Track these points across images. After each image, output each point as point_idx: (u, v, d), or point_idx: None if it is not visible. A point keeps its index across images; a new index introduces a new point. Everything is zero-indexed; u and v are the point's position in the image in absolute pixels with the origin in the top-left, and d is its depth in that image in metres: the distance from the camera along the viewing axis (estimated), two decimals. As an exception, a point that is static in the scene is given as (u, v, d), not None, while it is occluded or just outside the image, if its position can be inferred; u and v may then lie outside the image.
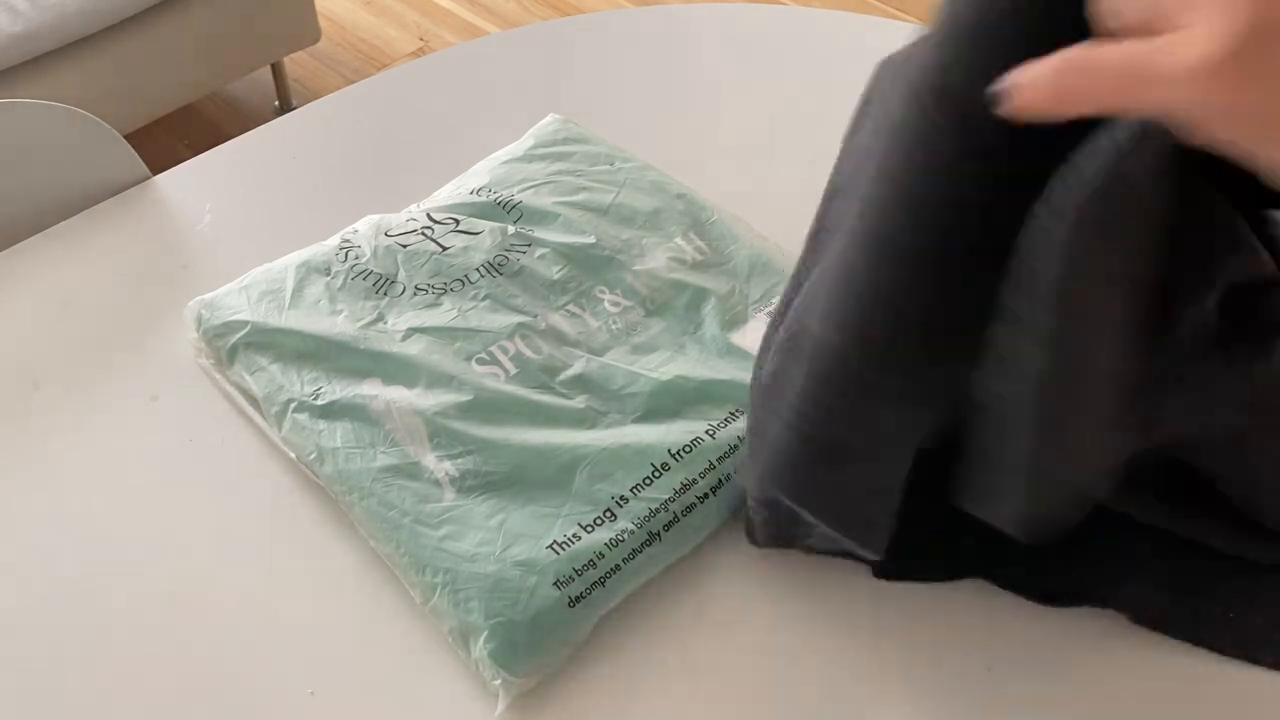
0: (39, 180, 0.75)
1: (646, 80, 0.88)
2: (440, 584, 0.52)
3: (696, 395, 0.59)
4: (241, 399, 0.62)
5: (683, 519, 0.55)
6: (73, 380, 0.65)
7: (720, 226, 0.68)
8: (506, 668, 0.50)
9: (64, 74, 1.53)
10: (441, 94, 0.86)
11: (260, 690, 0.52)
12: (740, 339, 0.62)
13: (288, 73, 1.90)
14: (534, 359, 0.61)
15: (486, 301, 0.63)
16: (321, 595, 0.55)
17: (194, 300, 0.64)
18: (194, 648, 0.53)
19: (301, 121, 0.85)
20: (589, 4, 2.22)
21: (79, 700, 0.52)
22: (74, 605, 0.55)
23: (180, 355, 0.65)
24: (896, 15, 2.12)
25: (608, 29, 0.97)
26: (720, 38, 0.93)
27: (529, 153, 0.73)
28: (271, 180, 0.79)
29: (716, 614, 0.54)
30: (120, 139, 0.77)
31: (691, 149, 0.79)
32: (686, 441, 0.57)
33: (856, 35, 0.93)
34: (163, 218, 0.76)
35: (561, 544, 0.53)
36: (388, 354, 0.60)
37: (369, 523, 0.55)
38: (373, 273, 0.65)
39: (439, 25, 2.12)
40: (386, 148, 0.82)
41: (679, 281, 0.65)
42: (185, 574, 0.56)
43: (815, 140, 0.83)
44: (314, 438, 0.57)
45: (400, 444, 0.57)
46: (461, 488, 0.55)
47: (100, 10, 1.51)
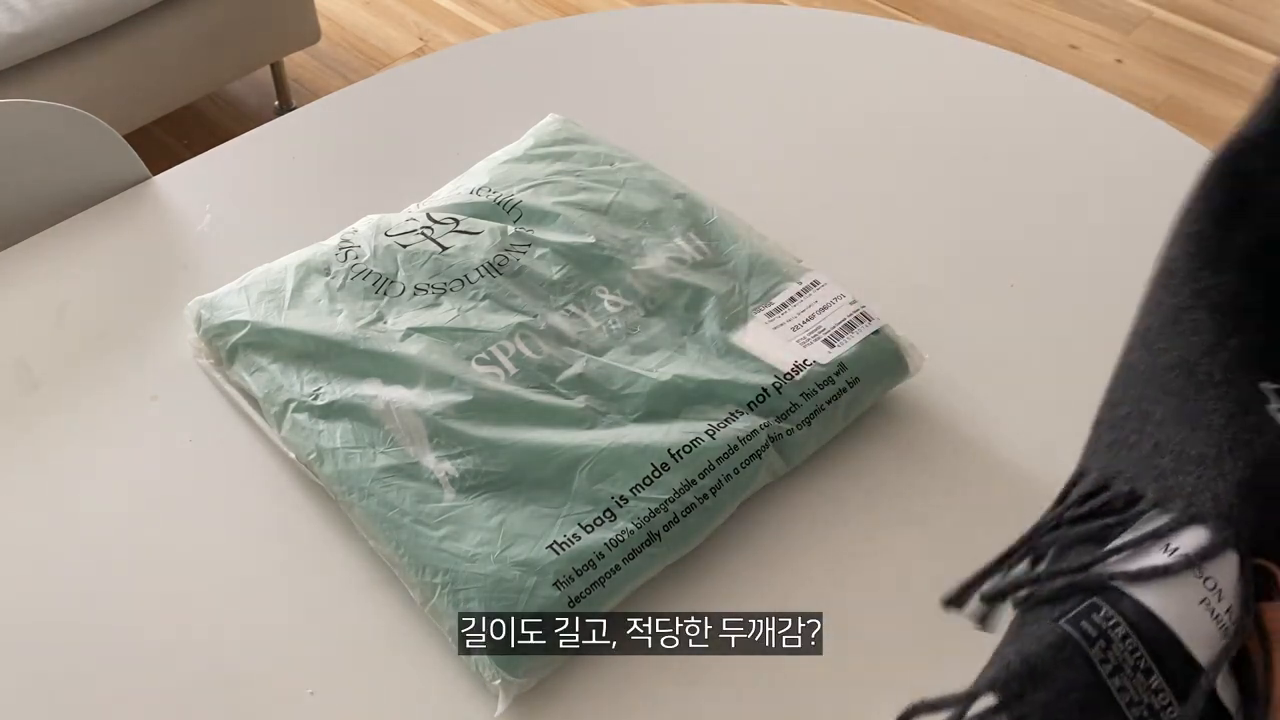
0: (39, 180, 0.75)
1: (646, 80, 0.88)
2: (440, 584, 0.52)
3: (696, 395, 0.59)
4: (241, 399, 0.62)
5: (683, 519, 0.55)
6: (73, 380, 0.65)
7: (720, 226, 0.68)
8: (506, 668, 0.50)
9: (64, 74, 1.53)
10: (441, 94, 0.86)
11: (260, 690, 0.52)
12: (740, 339, 0.62)
13: (288, 73, 1.90)
14: (534, 359, 0.61)
15: (486, 301, 0.63)
16: (321, 595, 0.55)
17: (194, 300, 0.64)
18: (194, 648, 0.53)
19: (301, 121, 0.85)
20: (589, 4, 2.22)
21: (79, 700, 0.52)
22: (74, 605, 0.55)
23: (180, 355, 0.65)
24: (896, 15, 2.12)
25: (608, 29, 0.97)
26: (720, 38, 0.93)
27: (529, 153, 0.73)
28: (271, 180, 0.79)
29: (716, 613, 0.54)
30: (120, 139, 0.77)
31: (691, 149, 0.79)
32: (686, 441, 0.57)
33: (856, 35, 0.93)
34: (163, 218, 0.76)
35: (561, 544, 0.53)
36: (387, 354, 0.60)
37: (369, 523, 0.55)
38: (372, 273, 0.65)
39: (439, 25, 2.12)
40: (386, 148, 0.82)
41: (679, 281, 0.65)
42: (185, 574, 0.56)
43: (815, 140, 0.83)
44: (314, 438, 0.57)
45: (400, 444, 0.57)
46: (461, 488, 0.55)
47: (100, 10, 1.51)
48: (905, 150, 0.82)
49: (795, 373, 0.60)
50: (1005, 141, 0.82)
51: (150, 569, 0.56)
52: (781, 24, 0.95)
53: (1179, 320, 0.39)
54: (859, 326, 0.62)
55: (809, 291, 0.64)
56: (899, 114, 0.85)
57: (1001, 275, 0.72)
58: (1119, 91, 0.82)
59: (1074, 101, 0.86)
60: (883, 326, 0.63)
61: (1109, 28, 2.09)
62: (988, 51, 0.92)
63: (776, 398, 0.59)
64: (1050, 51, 2.03)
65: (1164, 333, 0.39)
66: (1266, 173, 0.40)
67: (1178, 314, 0.39)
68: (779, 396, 0.59)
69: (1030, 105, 0.86)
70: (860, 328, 0.62)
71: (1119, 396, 0.40)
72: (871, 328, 0.62)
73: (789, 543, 0.58)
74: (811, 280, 0.65)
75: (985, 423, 0.63)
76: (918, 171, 0.80)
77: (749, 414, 0.58)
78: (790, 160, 0.81)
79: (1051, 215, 0.76)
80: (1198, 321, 0.38)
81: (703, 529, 0.56)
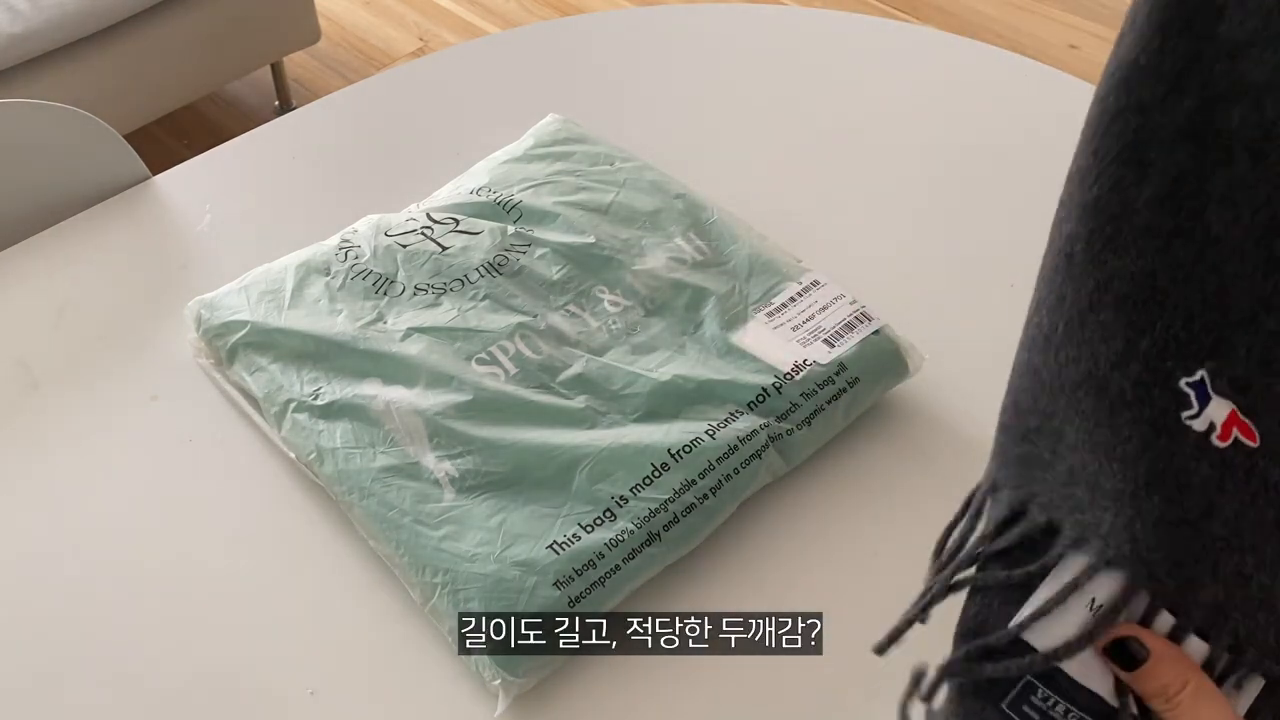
0: (39, 180, 0.75)
1: (646, 80, 0.88)
2: (440, 584, 0.52)
3: (696, 395, 0.59)
4: (241, 399, 0.62)
5: (683, 519, 0.55)
6: (73, 380, 0.65)
7: (720, 226, 0.68)
8: (506, 668, 0.50)
9: (64, 74, 1.53)
10: (441, 94, 0.86)
11: (260, 690, 0.52)
12: (740, 339, 0.62)
13: (288, 73, 1.90)
14: (534, 359, 0.61)
15: (486, 301, 0.63)
16: (321, 595, 0.55)
17: (194, 300, 0.64)
18: (194, 648, 0.53)
19: (301, 121, 0.85)
20: (589, 4, 2.22)
21: (79, 700, 0.52)
22: (74, 605, 0.55)
23: (180, 355, 0.65)
24: (896, 15, 2.12)
25: (608, 29, 0.97)
26: (720, 38, 0.93)
27: (529, 153, 0.73)
28: (271, 180, 0.79)
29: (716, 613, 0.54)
30: (120, 139, 0.77)
31: (691, 149, 0.79)
32: (686, 441, 0.57)
33: (856, 35, 0.93)
34: (163, 218, 0.76)
35: (561, 544, 0.53)
36: (387, 354, 0.60)
37: (369, 523, 0.55)
38: (372, 272, 0.65)
39: (439, 25, 2.12)
40: (386, 148, 0.82)
41: (679, 281, 0.65)
42: (185, 574, 0.56)
43: (815, 140, 0.83)
44: (314, 438, 0.57)
45: (400, 444, 0.57)
46: (461, 488, 0.55)
47: (100, 10, 1.51)
48: (905, 150, 0.82)
49: (795, 373, 0.60)
50: (1005, 142, 0.82)
51: (150, 569, 0.56)
52: (781, 24, 0.95)
53: (1085, 323, 0.34)
54: (859, 326, 0.62)
55: (809, 291, 0.64)
56: (899, 114, 0.85)
57: (1001, 275, 0.72)
58: (1119, 91, 0.81)
59: (1074, 101, 0.85)
60: (883, 326, 0.63)
61: (1109, 28, 2.09)
62: (988, 51, 0.92)
63: (776, 398, 0.59)
64: (1050, 51, 2.03)
65: (1070, 338, 0.34)
66: (1164, 98, 0.31)
67: (1083, 316, 0.34)
68: (779, 396, 0.59)
69: (1030, 105, 0.86)
70: (860, 328, 0.62)
71: (1027, 405, 0.37)
72: (871, 328, 0.62)
73: (789, 543, 0.58)
74: (811, 280, 0.65)
75: (985, 423, 0.62)
76: (918, 171, 0.80)
77: (749, 414, 0.58)
78: (790, 160, 0.81)
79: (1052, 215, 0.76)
80: (1104, 324, 0.33)
81: (703, 529, 0.56)
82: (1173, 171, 0.32)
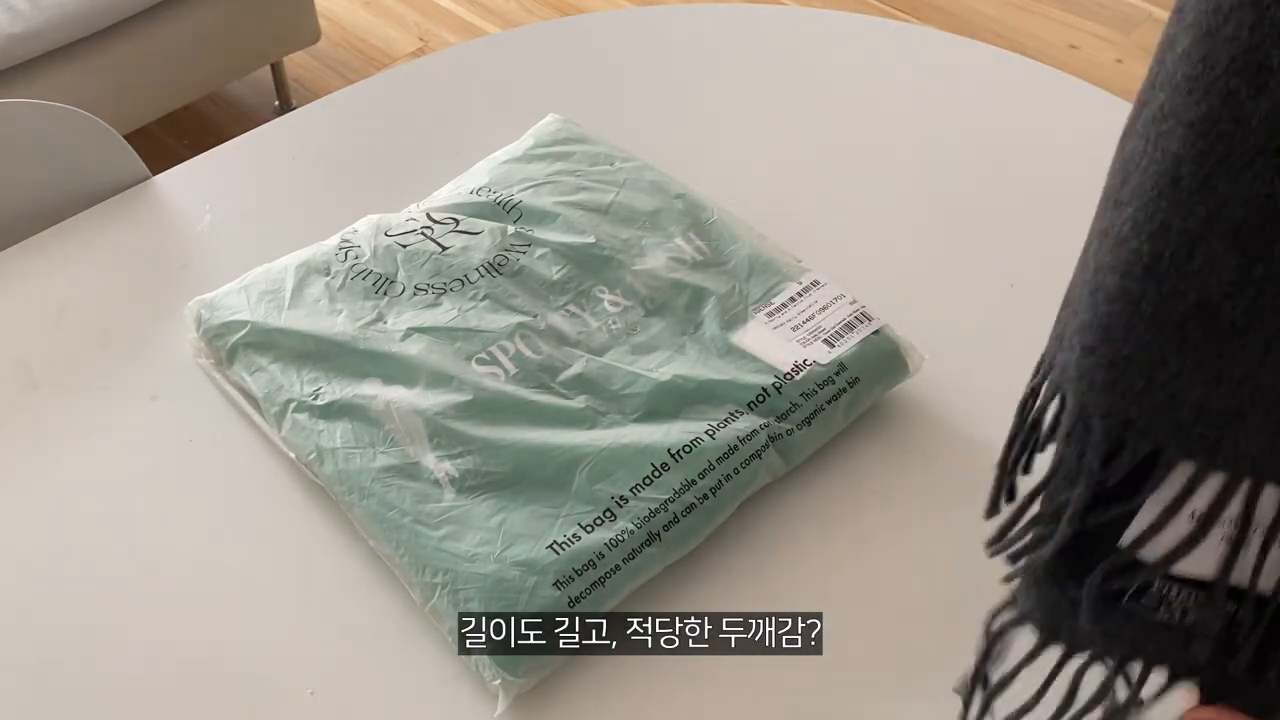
0: (39, 180, 0.75)
1: (646, 80, 0.88)
2: (440, 584, 0.52)
3: (696, 395, 0.59)
4: (241, 399, 0.62)
5: (683, 519, 0.55)
6: (73, 380, 0.65)
7: (720, 226, 0.68)
8: (506, 668, 0.50)
9: (64, 74, 1.53)
10: (441, 94, 0.86)
11: (260, 690, 0.52)
12: (740, 339, 0.62)
13: (288, 73, 1.90)
14: (534, 359, 0.61)
15: (486, 301, 0.63)
16: (321, 595, 0.55)
17: (194, 300, 0.64)
18: (194, 648, 0.53)
19: (301, 121, 0.85)
20: (589, 4, 2.22)
21: (79, 700, 0.52)
22: (74, 605, 0.55)
23: (180, 355, 0.65)
24: (896, 15, 2.12)
25: (608, 29, 0.97)
26: (720, 38, 0.93)
27: (529, 153, 0.73)
28: (271, 180, 0.79)
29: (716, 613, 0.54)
30: (120, 139, 0.77)
31: (691, 149, 0.80)
32: (686, 441, 0.57)
33: (856, 35, 0.93)
34: (163, 218, 0.76)
35: (561, 544, 0.53)
36: (387, 354, 0.60)
37: (369, 523, 0.55)
38: (372, 272, 0.65)
39: (439, 25, 2.12)
40: (386, 148, 0.82)
41: (679, 281, 0.65)
42: (185, 574, 0.56)
43: (815, 140, 0.83)
44: (314, 438, 0.57)
45: (400, 444, 0.57)
46: (461, 488, 0.55)
47: (100, 10, 1.51)
48: (905, 150, 0.82)
49: (795, 373, 0.60)
50: (1005, 141, 0.82)
51: (150, 569, 0.56)
52: (781, 24, 0.95)
53: (1194, 254, 0.31)
54: (859, 326, 0.62)
55: (809, 291, 0.64)
56: (899, 114, 0.85)
57: (1001, 275, 0.72)
58: (1119, 91, 0.81)
59: (1074, 101, 0.86)
60: (883, 326, 0.63)
61: (1109, 28, 2.09)
62: (988, 51, 0.92)
63: (776, 398, 0.59)
64: (1050, 51, 2.03)
65: (1177, 268, 0.32)
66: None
67: (1192, 246, 0.31)
68: (779, 396, 0.59)
69: (1030, 105, 0.86)
70: (860, 328, 0.62)
71: (1120, 334, 0.34)
72: (871, 328, 0.62)
73: (789, 543, 0.58)
74: (811, 280, 0.65)
75: (985, 423, 0.63)
76: (917, 171, 0.80)
77: (749, 414, 0.58)
78: (790, 160, 0.81)
79: (1052, 215, 0.76)
80: (1215, 255, 0.31)
81: (703, 529, 0.56)
82: None
